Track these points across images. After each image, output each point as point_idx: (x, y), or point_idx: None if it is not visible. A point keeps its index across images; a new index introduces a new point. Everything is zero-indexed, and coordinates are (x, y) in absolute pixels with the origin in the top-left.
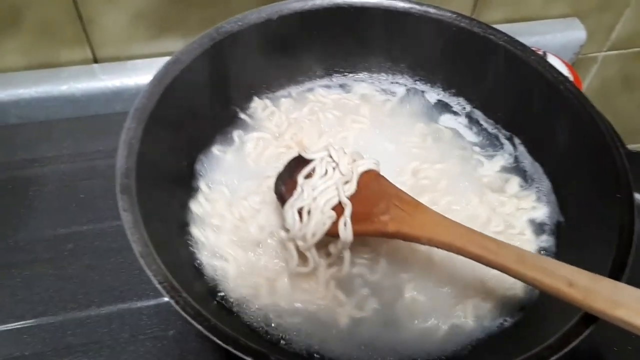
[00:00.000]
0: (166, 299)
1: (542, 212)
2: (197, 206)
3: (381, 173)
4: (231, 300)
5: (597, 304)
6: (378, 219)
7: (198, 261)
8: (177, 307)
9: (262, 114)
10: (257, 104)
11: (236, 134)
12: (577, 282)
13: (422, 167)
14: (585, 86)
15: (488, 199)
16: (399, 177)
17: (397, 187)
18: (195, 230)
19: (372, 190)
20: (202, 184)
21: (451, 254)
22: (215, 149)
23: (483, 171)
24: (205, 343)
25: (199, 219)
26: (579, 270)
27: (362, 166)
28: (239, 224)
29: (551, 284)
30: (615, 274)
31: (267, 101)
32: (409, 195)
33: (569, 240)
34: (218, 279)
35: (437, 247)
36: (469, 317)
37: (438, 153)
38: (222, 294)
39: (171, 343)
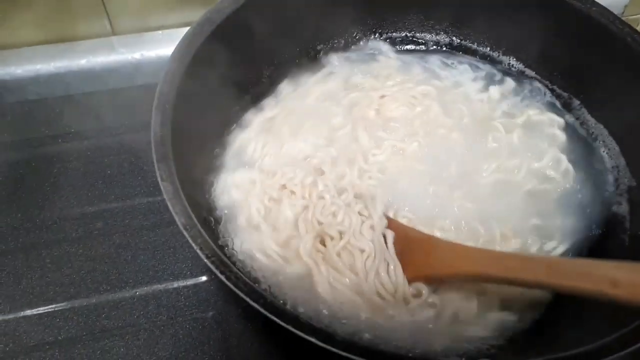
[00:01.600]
0: (204, 278)
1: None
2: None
3: None
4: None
5: None
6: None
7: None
8: (229, 284)
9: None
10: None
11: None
12: (621, 280)
13: None
14: None
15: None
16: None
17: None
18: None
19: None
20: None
21: None
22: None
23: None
24: (248, 324)
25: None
26: (619, 265)
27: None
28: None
29: (593, 289)
30: None
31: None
32: (418, 232)
33: None
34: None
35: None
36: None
37: None
38: None
39: (212, 325)
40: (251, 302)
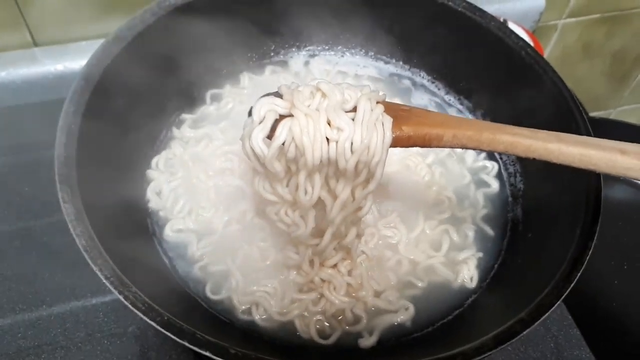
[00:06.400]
0: None
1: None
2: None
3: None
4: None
5: None
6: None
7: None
8: (127, 303)
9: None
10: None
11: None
12: (628, 149)
13: None
14: (546, 55)
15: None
16: None
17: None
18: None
19: None
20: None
21: None
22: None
23: None
24: (166, 338)
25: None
26: (623, 143)
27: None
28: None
29: (603, 156)
30: (585, 242)
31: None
32: (418, 108)
33: (532, 208)
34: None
35: (462, 145)
36: None
37: None
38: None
39: (130, 340)
40: (148, 320)
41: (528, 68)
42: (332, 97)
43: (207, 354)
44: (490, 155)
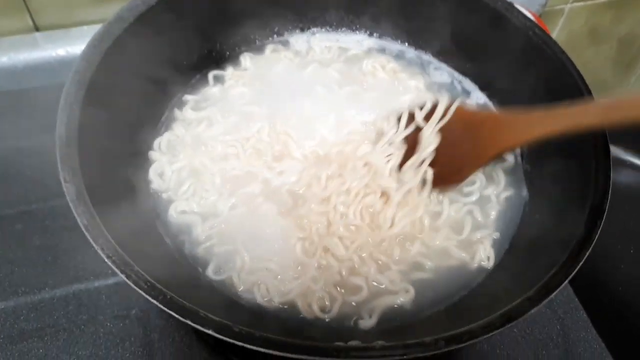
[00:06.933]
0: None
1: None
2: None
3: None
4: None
5: None
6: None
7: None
8: (129, 282)
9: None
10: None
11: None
12: None
13: None
14: None
15: None
16: None
17: (472, 111)
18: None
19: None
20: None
21: None
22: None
23: None
24: (169, 320)
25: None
26: None
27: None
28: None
29: None
30: (593, 221)
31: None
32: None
33: (539, 188)
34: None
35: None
36: None
37: None
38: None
39: (133, 322)
40: (150, 299)
41: (536, 48)
42: None
43: (210, 332)
44: None
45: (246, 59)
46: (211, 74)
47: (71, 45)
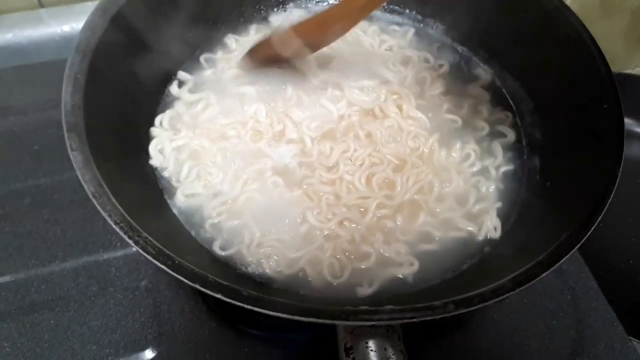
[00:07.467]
0: (135, 248)
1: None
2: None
3: None
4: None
5: None
6: None
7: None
8: (137, 247)
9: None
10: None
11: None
12: None
13: None
14: None
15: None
16: None
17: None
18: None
19: None
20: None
21: None
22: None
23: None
24: (179, 291)
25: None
26: None
27: None
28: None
29: None
30: (606, 186)
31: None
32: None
33: (551, 156)
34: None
35: None
36: None
37: None
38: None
39: (143, 293)
40: (159, 264)
41: (548, 13)
42: None
43: (219, 296)
44: (506, 105)
45: (232, 41)
46: (202, 57)
47: (76, 22)
